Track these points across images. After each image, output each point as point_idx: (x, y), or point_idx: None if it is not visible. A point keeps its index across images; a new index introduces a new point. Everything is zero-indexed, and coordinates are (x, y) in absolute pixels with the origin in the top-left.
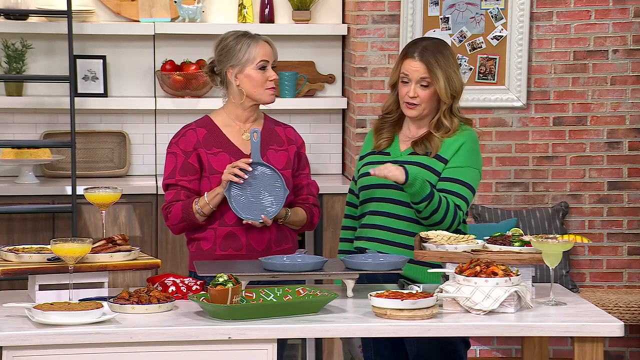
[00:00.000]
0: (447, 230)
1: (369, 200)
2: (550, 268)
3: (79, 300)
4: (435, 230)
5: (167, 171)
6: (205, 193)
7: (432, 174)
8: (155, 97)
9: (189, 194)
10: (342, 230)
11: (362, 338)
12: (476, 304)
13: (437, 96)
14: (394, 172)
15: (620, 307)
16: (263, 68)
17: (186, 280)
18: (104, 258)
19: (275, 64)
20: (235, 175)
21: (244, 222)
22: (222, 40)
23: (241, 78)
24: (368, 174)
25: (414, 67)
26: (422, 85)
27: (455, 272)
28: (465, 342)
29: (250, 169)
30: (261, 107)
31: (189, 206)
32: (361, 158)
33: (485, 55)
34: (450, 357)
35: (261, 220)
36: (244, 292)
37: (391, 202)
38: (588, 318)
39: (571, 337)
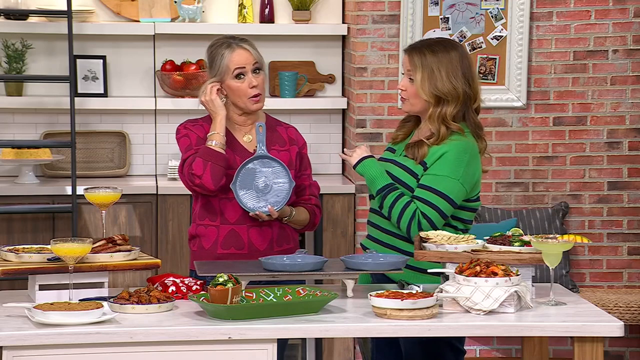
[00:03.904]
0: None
1: (371, 197)
2: (550, 268)
3: (79, 300)
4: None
5: (184, 148)
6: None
7: (412, 177)
8: (155, 97)
9: None
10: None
11: None
12: (476, 304)
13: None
14: (350, 155)
15: (620, 307)
16: (239, 76)
17: (186, 280)
18: (104, 258)
19: (258, 67)
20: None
21: (251, 214)
22: (207, 50)
23: (225, 88)
24: None
25: (405, 60)
26: (410, 79)
27: (455, 272)
28: (455, 349)
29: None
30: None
31: (204, 147)
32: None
33: (485, 55)
34: (440, 358)
35: (268, 212)
36: (244, 292)
37: None
38: (588, 318)
39: (571, 337)
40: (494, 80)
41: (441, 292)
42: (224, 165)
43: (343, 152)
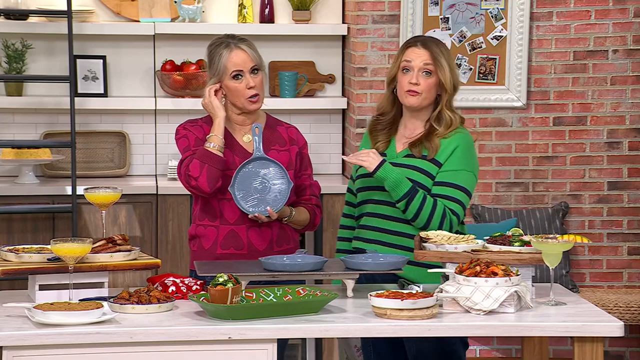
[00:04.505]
0: None
1: (367, 201)
2: (550, 268)
3: (79, 300)
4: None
5: (182, 148)
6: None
7: (427, 177)
8: (155, 97)
9: None
10: (340, 230)
11: (361, 338)
12: (476, 304)
13: (435, 89)
14: (364, 159)
15: (620, 307)
16: (237, 77)
17: (186, 280)
18: (104, 258)
19: (256, 67)
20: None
21: (250, 216)
22: (207, 48)
23: (224, 88)
24: (365, 175)
25: (418, 54)
26: (425, 73)
27: (455, 272)
28: (464, 342)
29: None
30: (262, 106)
31: (202, 149)
32: None
33: (485, 55)
34: (449, 357)
35: (267, 214)
36: (244, 292)
37: (388, 205)
38: (588, 318)
39: (571, 337)
40: (494, 80)
41: (441, 292)
42: (221, 168)
43: (345, 155)
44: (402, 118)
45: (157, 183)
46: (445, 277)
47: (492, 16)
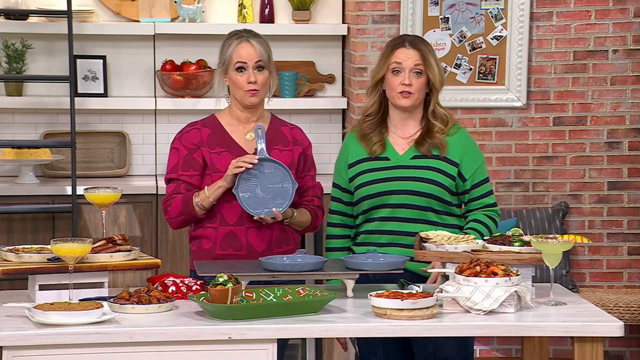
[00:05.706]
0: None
1: (380, 207)
2: (550, 268)
3: (79, 300)
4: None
5: (170, 166)
6: (206, 187)
7: (446, 177)
8: (155, 97)
9: (190, 187)
10: (332, 240)
11: (362, 344)
12: (476, 304)
13: (425, 88)
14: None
15: (620, 307)
16: (240, 69)
17: (186, 280)
18: (104, 258)
19: (262, 65)
20: (239, 167)
21: (255, 217)
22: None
23: (228, 79)
24: (370, 182)
25: (408, 55)
26: (415, 73)
27: (455, 272)
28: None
29: (257, 160)
30: (266, 106)
31: (189, 199)
32: (351, 165)
33: (485, 55)
34: (465, 351)
35: (272, 215)
36: (244, 292)
37: (406, 208)
38: (588, 318)
39: (571, 337)
40: (494, 80)
41: (441, 292)
42: (194, 222)
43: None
44: (391, 118)
45: (157, 183)
46: (445, 277)
47: (492, 16)
